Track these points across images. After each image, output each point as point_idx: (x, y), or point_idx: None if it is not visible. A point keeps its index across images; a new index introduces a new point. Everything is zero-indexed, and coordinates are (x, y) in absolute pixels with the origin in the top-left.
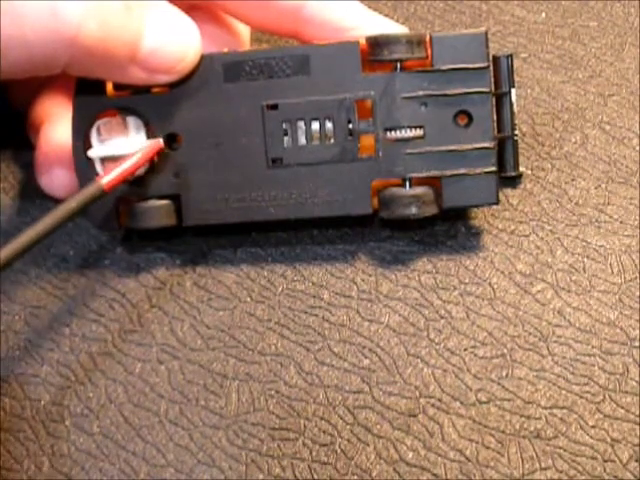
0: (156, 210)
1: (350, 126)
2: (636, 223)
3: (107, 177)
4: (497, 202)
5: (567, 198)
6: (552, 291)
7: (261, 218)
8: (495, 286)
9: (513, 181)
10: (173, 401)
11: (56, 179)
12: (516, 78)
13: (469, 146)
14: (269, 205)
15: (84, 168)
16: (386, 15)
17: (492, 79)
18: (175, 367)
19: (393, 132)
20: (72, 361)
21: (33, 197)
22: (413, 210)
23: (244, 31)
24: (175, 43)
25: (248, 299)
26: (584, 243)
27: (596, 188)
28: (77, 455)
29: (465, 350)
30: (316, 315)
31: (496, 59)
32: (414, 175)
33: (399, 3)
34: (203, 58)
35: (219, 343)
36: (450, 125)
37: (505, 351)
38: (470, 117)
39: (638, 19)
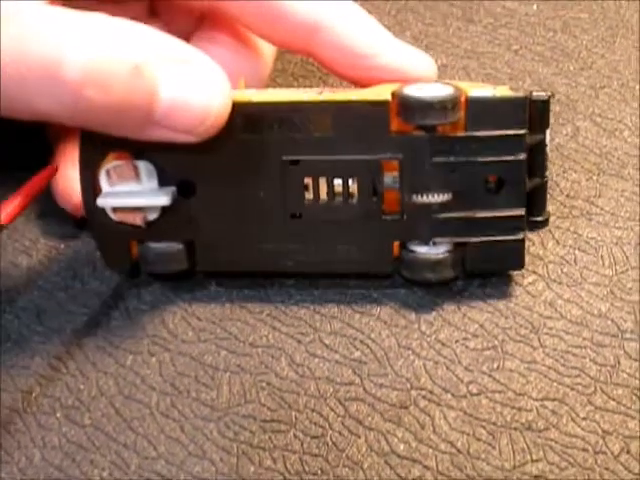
0: (168, 256)
1: (375, 186)
2: (627, 215)
3: (3, 212)
4: (522, 268)
5: (558, 190)
6: (543, 283)
7: (276, 270)
8: (486, 278)
9: None
10: (164, 393)
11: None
12: (507, 70)
13: (498, 214)
14: (286, 259)
15: (94, 210)
16: (377, 8)
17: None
18: (166, 359)
19: (420, 196)
20: (63, 353)
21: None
22: (436, 275)
23: (267, 49)
24: (196, 100)
25: (240, 291)
26: (575, 235)
27: (587, 180)
28: (68, 447)
29: (456, 342)
30: (307, 307)
31: (532, 103)
32: (438, 240)
33: None
34: None
35: (210, 335)
36: (480, 190)
37: (496, 343)
38: (501, 183)
39: (629, 11)
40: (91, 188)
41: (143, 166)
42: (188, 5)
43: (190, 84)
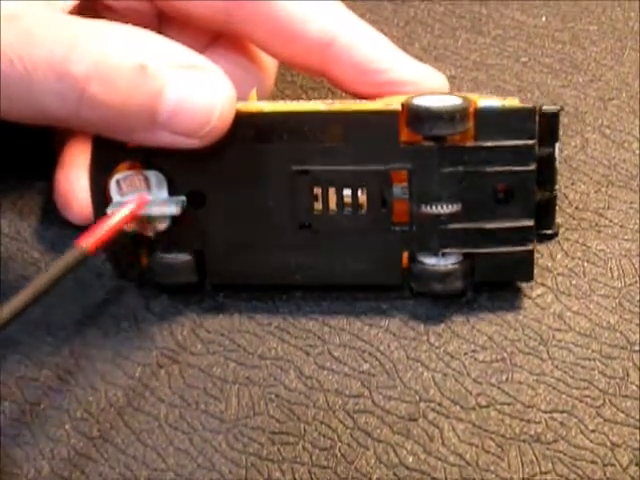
0: (177, 267)
1: (384, 196)
2: (636, 227)
3: (89, 239)
4: (532, 279)
5: (567, 202)
6: (552, 295)
7: (286, 282)
8: (495, 290)
9: None
10: (173, 405)
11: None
12: (516, 82)
13: (508, 224)
14: (294, 269)
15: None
16: (386, 19)
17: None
18: (175, 371)
19: (429, 207)
20: (71, 365)
21: (35, 198)
22: (444, 287)
23: (270, 62)
24: (200, 102)
25: (248, 303)
26: (584, 247)
27: (596, 192)
28: (77, 459)
29: (465, 354)
30: (316, 319)
31: (542, 116)
32: (447, 251)
33: (399, 7)
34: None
35: (219, 347)
36: (489, 201)
37: (505, 355)
38: (511, 193)
39: (638, 23)
40: (102, 197)
41: (153, 176)
42: (199, 28)
43: (194, 87)
